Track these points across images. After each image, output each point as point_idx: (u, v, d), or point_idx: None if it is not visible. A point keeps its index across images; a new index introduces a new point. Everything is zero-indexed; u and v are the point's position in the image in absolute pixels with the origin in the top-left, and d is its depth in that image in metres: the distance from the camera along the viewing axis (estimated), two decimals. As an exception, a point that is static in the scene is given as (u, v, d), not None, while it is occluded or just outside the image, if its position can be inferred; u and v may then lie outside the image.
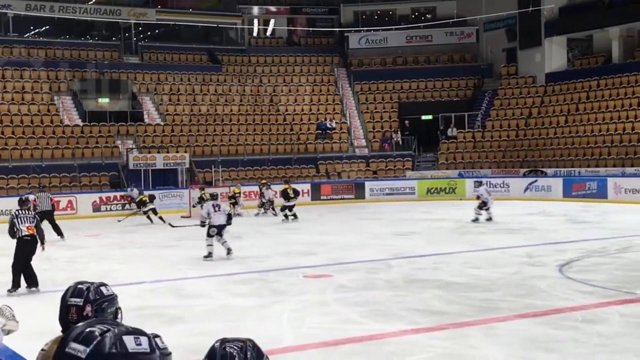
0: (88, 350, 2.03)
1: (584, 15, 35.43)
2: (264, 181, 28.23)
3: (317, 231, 19.81)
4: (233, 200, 25.64)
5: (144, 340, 2.18)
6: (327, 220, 20.70)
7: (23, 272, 11.72)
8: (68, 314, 3.08)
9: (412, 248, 16.25)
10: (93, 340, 2.07)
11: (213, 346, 2.28)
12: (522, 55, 38.18)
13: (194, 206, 25.74)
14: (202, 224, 15.68)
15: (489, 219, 21.39)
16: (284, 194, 24.01)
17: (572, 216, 23.00)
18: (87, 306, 3.09)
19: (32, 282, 11.82)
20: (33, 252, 11.91)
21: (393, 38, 41.15)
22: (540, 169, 32.22)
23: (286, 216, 23.58)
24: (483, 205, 21.66)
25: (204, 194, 25.86)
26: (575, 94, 35.17)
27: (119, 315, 3.25)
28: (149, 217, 24.19)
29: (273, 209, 25.94)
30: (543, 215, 23.70)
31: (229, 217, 15.39)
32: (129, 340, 2.11)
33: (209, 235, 15.07)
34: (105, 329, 2.13)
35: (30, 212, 12.50)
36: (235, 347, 2.24)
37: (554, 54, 37.09)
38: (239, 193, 26.36)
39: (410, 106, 38.45)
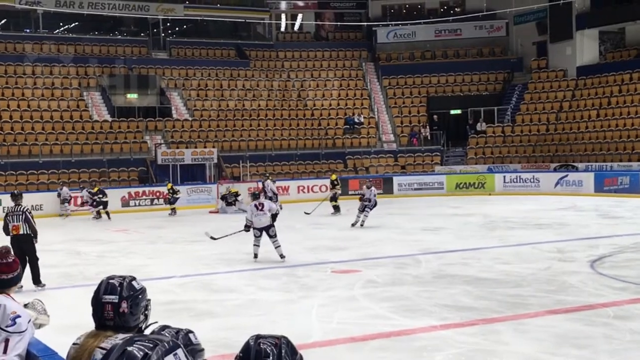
0: None
1: (616, 8, 34.96)
2: (268, 176, 28.02)
3: (346, 226, 19.76)
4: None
5: (180, 354, 2.19)
6: (355, 215, 20.63)
7: (30, 269, 11.51)
8: (103, 312, 3.08)
9: (441, 243, 16.15)
10: None
11: (247, 342, 2.27)
12: (553, 49, 37.74)
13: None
14: (247, 229, 14.70)
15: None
16: (332, 183, 25.06)
17: (603, 211, 22.71)
18: (122, 303, 3.10)
19: (35, 280, 11.65)
20: (28, 250, 11.57)
21: (421, 32, 40.93)
22: (571, 164, 31.86)
23: (336, 208, 24.10)
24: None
25: (229, 193, 26.32)
26: (607, 88, 34.72)
27: (149, 308, 3.27)
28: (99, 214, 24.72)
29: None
30: (574, 210, 23.43)
31: (275, 216, 14.54)
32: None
33: (255, 236, 14.46)
34: (146, 351, 2.13)
35: (19, 209, 11.87)
36: (269, 343, 2.24)
37: (585, 47, 36.62)
38: (171, 189, 26.19)
39: (438, 101, 38.23)
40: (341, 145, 35.50)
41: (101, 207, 25.03)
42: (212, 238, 15.53)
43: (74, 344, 3.16)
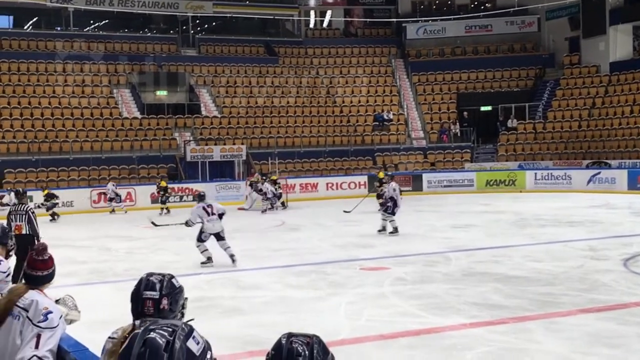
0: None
1: (651, 2, 34.41)
2: (265, 178, 26.62)
3: (375, 224, 19.66)
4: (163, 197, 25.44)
5: (197, 335, 2.22)
6: (357, 209, 20.56)
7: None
8: (144, 307, 3.15)
9: (471, 241, 16.00)
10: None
11: (279, 340, 2.27)
12: (586, 44, 37.25)
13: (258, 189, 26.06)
14: (187, 224, 13.91)
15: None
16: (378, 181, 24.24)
17: (637, 209, 22.35)
18: (163, 299, 3.18)
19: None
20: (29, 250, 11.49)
21: (452, 28, 40.66)
22: (604, 161, 31.43)
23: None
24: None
25: (255, 179, 26.23)
26: (640, 83, 34.21)
27: (185, 306, 3.36)
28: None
29: (272, 204, 25.25)
30: (607, 207, 23.10)
31: (221, 216, 13.67)
32: (192, 345, 2.22)
33: (201, 240, 13.52)
34: (168, 337, 2.15)
35: (22, 208, 11.53)
36: (301, 342, 2.24)
37: (618, 43, 36.08)
38: (165, 188, 25.74)
39: (469, 97, 37.97)
40: (370, 142, 35.39)
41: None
42: (153, 224, 15.43)
43: (110, 337, 3.18)
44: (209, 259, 13.43)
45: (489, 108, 38.05)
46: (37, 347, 3.75)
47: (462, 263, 12.98)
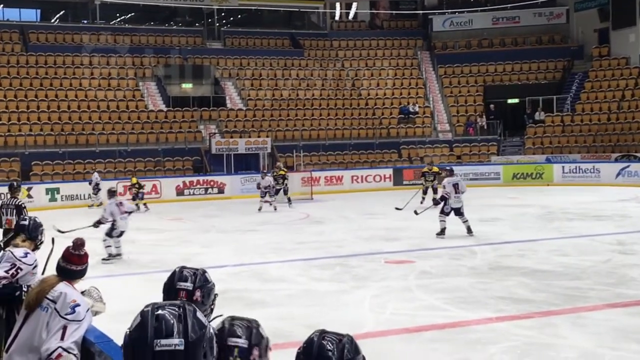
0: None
1: (681, -7, 33.88)
2: (281, 171, 25.14)
3: (400, 216, 19.58)
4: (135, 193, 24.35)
5: (199, 314, 2.36)
6: (409, 205, 20.47)
7: None
8: (177, 297, 3.18)
9: (497, 235, 15.88)
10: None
11: (311, 336, 2.27)
12: (615, 36, 36.77)
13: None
14: (97, 225, 13.53)
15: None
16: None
17: (666, 203, 22.07)
18: (196, 291, 3.23)
19: None
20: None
21: (478, 20, 40.35)
22: (634, 154, 31.02)
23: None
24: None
25: (275, 171, 25.39)
26: (671, 76, 33.71)
27: (215, 302, 3.41)
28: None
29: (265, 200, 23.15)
30: (636, 201, 22.80)
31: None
32: (201, 316, 2.36)
33: (110, 236, 13.38)
34: (178, 312, 2.19)
35: (13, 202, 11.53)
36: (332, 339, 2.25)
37: (649, 34, 35.59)
38: (137, 184, 24.58)
39: (495, 90, 37.66)
40: (396, 135, 35.25)
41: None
42: (59, 231, 13.89)
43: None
44: (111, 255, 13.36)
45: (516, 101, 37.73)
46: (62, 338, 3.79)
47: (488, 257, 12.89)
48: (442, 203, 15.73)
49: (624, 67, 35.97)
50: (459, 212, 15.70)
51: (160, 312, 2.24)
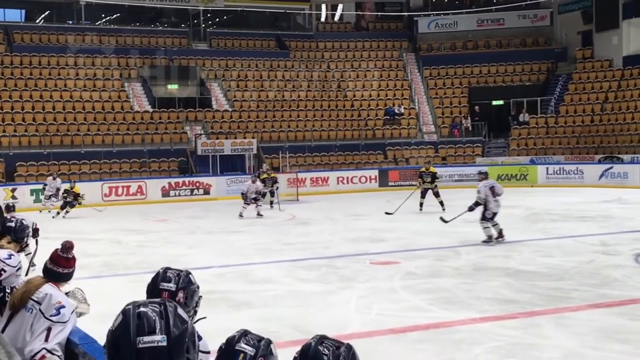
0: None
1: (664, -4, 34.16)
2: (258, 175, 24.37)
3: (384, 217, 19.64)
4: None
5: (180, 310, 2.34)
6: (394, 206, 20.51)
7: None
8: (159, 298, 3.16)
9: (481, 235, 15.93)
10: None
11: (309, 341, 2.28)
12: (599, 38, 37.02)
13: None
14: (472, 208, 15.00)
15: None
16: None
17: (649, 204, 22.25)
18: (179, 292, 3.24)
19: None
20: None
21: (463, 22, 40.51)
22: (617, 155, 31.26)
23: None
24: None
25: (264, 174, 25.02)
26: (653, 78, 33.97)
27: (199, 304, 3.38)
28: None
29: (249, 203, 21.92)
30: (619, 202, 22.99)
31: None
32: (182, 312, 2.32)
33: (485, 219, 14.56)
34: (159, 309, 2.22)
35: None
36: (330, 346, 2.25)
37: (632, 37, 35.80)
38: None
39: (480, 91, 37.81)
40: (381, 136, 35.33)
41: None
42: (444, 221, 15.67)
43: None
44: (490, 238, 14.40)
45: (500, 102, 37.91)
46: (46, 340, 3.79)
47: (472, 257, 12.96)
48: (483, 208, 14.88)
49: (607, 70, 36.23)
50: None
51: (142, 309, 2.26)
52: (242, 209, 21.55)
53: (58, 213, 22.58)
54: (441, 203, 20.62)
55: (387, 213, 20.03)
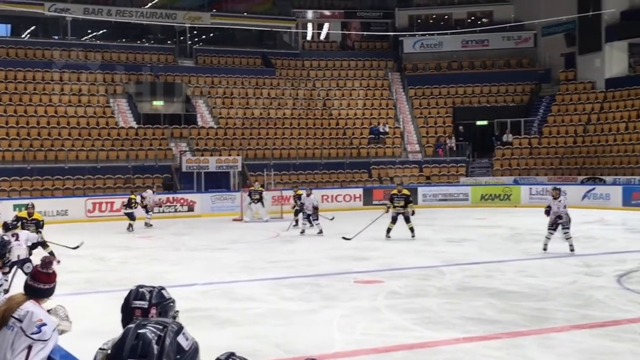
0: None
1: (646, 20, 34.58)
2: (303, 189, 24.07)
3: (369, 236, 19.63)
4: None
5: (186, 332, 2.28)
6: (379, 225, 20.52)
7: None
8: (132, 317, 3.14)
9: (465, 255, 16.00)
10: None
11: (218, 357, 2.33)
12: (582, 61, 37.42)
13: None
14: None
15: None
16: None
17: (631, 225, 22.41)
18: (152, 309, 3.19)
19: None
20: None
21: (448, 42, 40.80)
22: (599, 177, 31.49)
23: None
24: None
25: (255, 188, 25.74)
26: (636, 100, 34.30)
27: (177, 319, 3.31)
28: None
29: (309, 219, 21.57)
30: (601, 224, 23.14)
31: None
32: (181, 340, 2.30)
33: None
34: (159, 333, 2.19)
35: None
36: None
37: (614, 59, 36.24)
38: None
39: (464, 111, 38.05)
40: (366, 155, 35.42)
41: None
42: None
43: (101, 349, 3.18)
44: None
45: (484, 122, 38.15)
46: (27, 358, 3.75)
47: (456, 277, 12.98)
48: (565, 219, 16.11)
49: (590, 92, 36.59)
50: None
51: (142, 330, 2.25)
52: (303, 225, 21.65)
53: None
54: (411, 229, 19.15)
55: (344, 238, 18.89)
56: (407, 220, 19.30)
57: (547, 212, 16.21)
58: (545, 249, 16.00)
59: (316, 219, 21.49)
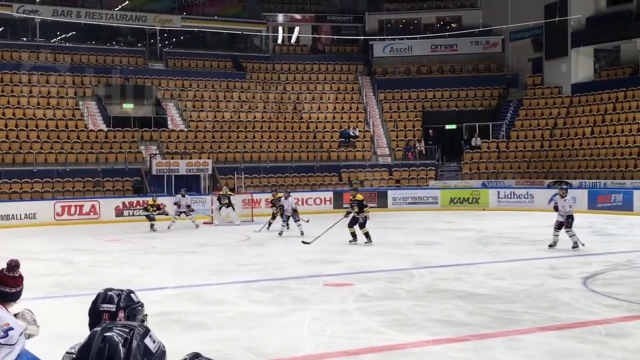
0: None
1: (611, 26, 35.14)
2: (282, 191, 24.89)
3: (339, 239, 19.71)
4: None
5: (153, 336, 2.28)
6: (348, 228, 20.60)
7: None
8: (100, 320, 3.10)
9: (434, 258, 16.14)
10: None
11: (184, 357, 2.37)
12: (548, 66, 37.92)
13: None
14: None
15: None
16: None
17: (597, 228, 22.75)
18: (119, 312, 3.15)
19: None
20: None
21: (418, 47, 41.08)
22: (565, 180, 31.89)
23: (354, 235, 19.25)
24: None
25: (224, 193, 25.96)
26: (601, 105, 34.85)
27: (145, 322, 3.28)
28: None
29: (288, 221, 22.26)
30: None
31: None
32: (149, 342, 2.26)
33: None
34: (125, 336, 2.19)
35: None
36: None
37: (580, 65, 36.79)
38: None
39: (434, 115, 38.34)
40: (336, 158, 35.53)
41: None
42: None
43: (67, 352, 3.16)
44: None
45: (453, 126, 38.48)
46: (-7, 362, 3.72)
47: (425, 280, 13.08)
48: (570, 219, 17.45)
49: (557, 96, 37.08)
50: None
51: (108, 333, 2.25)
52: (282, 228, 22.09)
53: (169, 227, 23.99)
54: (367, 235, 18.67)
55: (304, 242, 18.96)
56: (362, 226, 18.79)
57: (556, 208, 18.00)
58: (552, 246, 17.42)
59: (297, 219, 21.82)
